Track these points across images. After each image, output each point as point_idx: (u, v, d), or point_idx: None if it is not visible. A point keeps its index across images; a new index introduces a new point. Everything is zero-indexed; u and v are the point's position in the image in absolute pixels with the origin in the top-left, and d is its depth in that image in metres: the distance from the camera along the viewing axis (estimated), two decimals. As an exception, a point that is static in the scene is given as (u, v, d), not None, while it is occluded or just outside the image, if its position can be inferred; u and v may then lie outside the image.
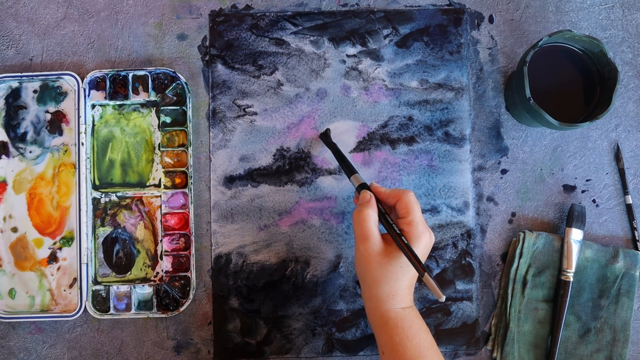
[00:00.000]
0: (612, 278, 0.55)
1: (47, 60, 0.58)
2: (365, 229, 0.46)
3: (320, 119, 0.58)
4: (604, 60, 0.51)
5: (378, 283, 0.45)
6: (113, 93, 0.57)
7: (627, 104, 0.58)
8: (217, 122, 0.58)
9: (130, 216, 0.57)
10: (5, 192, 0.57)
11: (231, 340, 0.56)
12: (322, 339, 0.56)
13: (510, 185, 0.58)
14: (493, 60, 0.58)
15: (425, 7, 0.59)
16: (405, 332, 0.44)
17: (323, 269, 0.56)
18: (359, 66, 0.58)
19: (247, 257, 0.56)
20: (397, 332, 0.45)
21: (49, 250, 0.56)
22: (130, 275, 0.57)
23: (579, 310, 0.55)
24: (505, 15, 0.59)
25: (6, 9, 0.59)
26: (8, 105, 0.57)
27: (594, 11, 0.59)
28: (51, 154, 0.57)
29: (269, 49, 0.58)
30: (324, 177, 0.57)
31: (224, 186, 0.57)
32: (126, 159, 0.57)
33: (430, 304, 0.56)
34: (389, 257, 0.45)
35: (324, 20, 0.58)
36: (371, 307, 0.47)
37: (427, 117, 0.58)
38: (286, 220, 0.57)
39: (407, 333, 0.44)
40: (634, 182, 0.58)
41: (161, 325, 0.56)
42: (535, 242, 0.55)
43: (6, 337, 0.56)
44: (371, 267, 0.45)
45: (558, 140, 0.58)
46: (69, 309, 0.56)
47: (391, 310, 0.45)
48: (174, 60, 0.58)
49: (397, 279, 0.45)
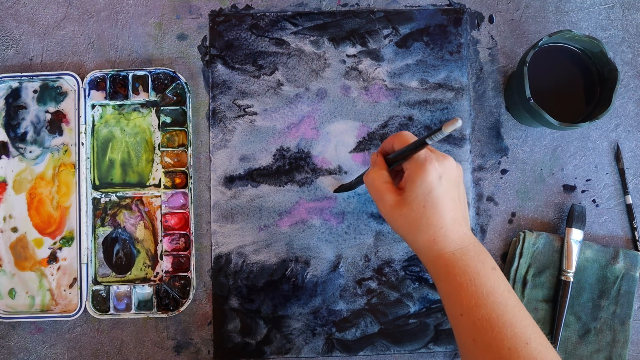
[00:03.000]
0: (612, 279, 0.55)
1: (47, 60, 0.58)
2: (376, 188, 0.44)
3: (320, 119, 0.58)
4: (604, 60, 0.51)
5: (412, 234, 0.43)
6: (113, 93, 0.57)
7: (627, 104, 0.58)
8: (217, 122, 0.58)
9: (130, 216, 0.57)
10: (5, 192, 0.57)
11: (231, 340, 0.56)
12: (322, 339, 0.56)
13: (510, 185, 0.58)
14: (493, 60, 0.58)
15: (425, 7, 0.59)
16: (458, 279, 0.40)
17: (323, 269, 0.56)
18: (359, 66, 0.58)
19: (247, 257, 0.56)
20: (449, 281, 0.41)
21: (49, 250, 0.56)
22: (130, 275, 0.57)
23: (579, 311, 0.55)
24: (505, 15, 0.59)
25: (6, 9, 0.59)
26: (8, 105, 0.57)
27: (594, 11, 0.59)
28: (51, 154, 0.57)
29: (269, 49, 0.58)
30: (324, 177, 0.57)
31: (224, 186, 0.57)
32: (126, 159, 0.57)
33: (430, 304, 0.56)
34: (405, 202, 0.42)
35: (324, 20, 0.58)
36: (423, 260, 0.44)
37: (427, 117, 0.58)
38: (286, 220, 0.57)
39: (459, 280, 0.40)
40: (634, 182, 0.58)
41: (161, 325, 0.56)
42: (536, 242, 0.55)
43: (6, 337, 0.56)
44: (396, 222, 0.43)
45: (558, 140, 0.58)
46: (69, 309, 0.56)
47: (439, 259, 0.42)
48: (174, 60, 0.58)
49: (427, 220, 0.42)
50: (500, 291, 0.40)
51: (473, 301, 0.40)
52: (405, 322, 0.56)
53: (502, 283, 0.41)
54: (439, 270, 0.42)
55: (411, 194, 0.42)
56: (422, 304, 0.56)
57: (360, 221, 0.57)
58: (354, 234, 0.57)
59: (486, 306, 0.39)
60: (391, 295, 0.56)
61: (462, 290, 0.40)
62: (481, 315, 0.39)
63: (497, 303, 0.40)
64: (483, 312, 0.39)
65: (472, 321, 0.40)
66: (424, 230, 0.42)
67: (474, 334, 0.39)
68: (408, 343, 0.56)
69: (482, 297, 0.40)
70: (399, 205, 0.43)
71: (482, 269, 0.41)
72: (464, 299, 0.40)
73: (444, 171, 0.42)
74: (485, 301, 0.40)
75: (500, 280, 0.41)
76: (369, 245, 0.57)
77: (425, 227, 0.42)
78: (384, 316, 0.56)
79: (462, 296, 0.40)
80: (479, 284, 0.40)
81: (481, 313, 0.39)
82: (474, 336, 0.39)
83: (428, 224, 0.42)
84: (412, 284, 0.56)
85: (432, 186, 0.41)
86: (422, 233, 0.42)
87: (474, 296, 0.40)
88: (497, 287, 0.40)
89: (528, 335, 0.38)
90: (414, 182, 0.42)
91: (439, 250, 0.42)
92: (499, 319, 0.39)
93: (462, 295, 0.40)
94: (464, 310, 0.40)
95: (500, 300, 0.40)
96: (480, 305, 0.39)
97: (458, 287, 0.40)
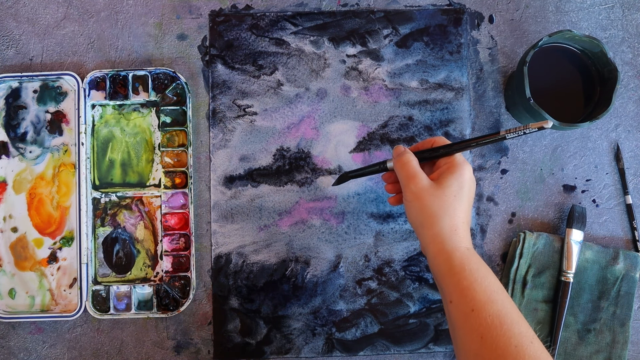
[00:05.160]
0: (612, 279, 0.55)
1: (47, 60, 0.58)
2: (410, 169, 0.46)
3: (320, 119, 0.58)
4: (604, 60, 0.51)
5: (438, 217, 0.44)
6: (113, 93, 0.57)
7: (627, 104, 0.58)
8: (217, 122, 0.58)
9: (130, 216, 0.57)
10: (5, 192, 0.57)
11: (231, 340, 0.56)
12: (322, 339, 0.56)
13: (510, 185, 0.58)
14: (493, 60, 0.58)
15: (425, 7, 0.59)
16: (473, 274, 0.42)
17: (323, 269, 0.56)
18: (359, 66, 0.58)
19: (247, 257, 0.57)
20: (465, 275, 0.42)
21: (49, 250, 0.56)
22: (130, 275, 0.57)
23: (579, 312, 0.55)
24: (505, 15, 0.59)
25: (6, 9, 0.59)
26: (8, 105, 0.57)
27: (594, 11, 0.59)
28: (51, 154, 0.57)
29: (269, 49, 0.58)
30: (324, 177, 0.57)
31: (224, 186, 0.57)
32: (126, 159, 0.57)
33: (430, 304, 0.56)
34: (440, 186, 0.44)
35: (324, 20, 0.58)
36: (435, 251, 0.44)
37: (427, 117, 0.58)
38: (286, 220, 0.57)
39: (475, 276, 0.42)
40: (634, 182, 0.58)
41: (161, 325, 0.56)
42: (536, 243, 0.55)
43: (6, 337, 0.56)
44: (426, 201, 0.44)
45: (558, 140, 0.58)
46: (69, 309, 0.56)
47: (456, 251, 0.43)
48: (174, 60, 0.58)
49: (455, 209, 0.44)
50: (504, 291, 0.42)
51: (486, 296, 0.41)
52: (405, 322, 0.56)
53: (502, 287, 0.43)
54: (452, 263, 0.43)
55: (447, 182, 0.44)
56: (422, 304, 0.56)
57: (360, 221, 0.57)
58: (354, 234, 0.57)
59: (498, 302, 0.40)
60: (391, 295, 0.56)
61: (476, 285, 0.41)
62: (493, 311, 0.40)
63: (507, 300, 0.41)
64: (495, 308, 0.40)
65: (483, 317, 0.40)
66: (450, 215, 0.44)
67: (483, 331, 0.40)
68: (408, 343, 0.56)
69: (494, 292, 0.41)
70: (433, 187, 0.44)
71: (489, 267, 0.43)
72: (477, 293, 0.41)
73: (472, 178, 0.46)
74: (497, 297, 0.41)
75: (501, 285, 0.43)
76: (369, 245, 0.57)
77: (451, 214, 0.44)
78: (384, 316, 0.56)
79: (476, 291, 0.41)
80: (492, 281, 0.42)
81: (493, 309, 0.40)
82: (482, 333, 0.40)
83: (455, 212, 0.44)
84: (412, 284, 0.56)
85: (466, 184, 0.45)
86: (447, 218, 0.44)
87: (488, 291, 0.41)
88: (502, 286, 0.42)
89: (532, 334, 0.39)
90: (453, 173, 0.44)
91: (456, 243, 0.43)
92: (508, 316, 0.40)
93: (477, 290, 0.41)
94: (476, 306, 0.41)
95: (508, 298, 0.42)
96: (493, 301, 0.40)
97: (473, 282, 0.41)
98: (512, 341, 0.39)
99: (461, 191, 0.44)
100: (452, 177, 0.44)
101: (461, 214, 0.44)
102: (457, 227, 0.44)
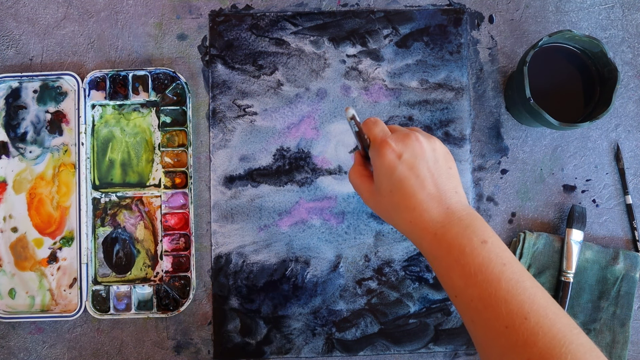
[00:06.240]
0: (612, 280, 0.55)
1: (47, 60, 0.58)
2: (354, 184, 0.45)
3: (320, 119, 0.58)
4: (604, 60, 0.51)
5: (392, 219, 0.42)
6: (113, 93, 0.57)
7: (627, 104, 0.58)
8: (217, 122, 0.58)
9: (130, 216, 0.57)
10: (5, 192, 0.57)
11: (231, 340, 0.56)
12: (322, 339, 0.56)
13: (510, 185, 0.58)
14: (493, 60, 0.58)
15: (425, 7, 0.59)
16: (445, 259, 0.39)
17: (323, 269, 0.56)
18: (359, 66, 0.58)
19: (247, 257, 0.56)
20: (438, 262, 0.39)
21: (49, 250, 0.56)
22: (130, 275, 0.57)
23: (579, 312, 0.55)
24: (505, 15, 0.59)
25: (6, 9, 0.59)
26: (8, 105, 0.57)
27: (594, 11, 0.59)
28: (51, 154, 0.57)
29: (269, 49, 0.58)
30: (324, 177, 0.57)
31: (224, 186, 0.57)
32: (126, 159, 0.57)
33: (430, 304, 0.56)
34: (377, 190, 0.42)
35: (324, 20, 0.58)
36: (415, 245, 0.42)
37: (427, 117, 0.58)
38: (286, 220, 0.57)
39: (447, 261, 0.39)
40: (634, 182, 0.58)
41: (161, 325, 0.56)
42: (536, 243, 0.55)
43: (6, 337, 0.56)
44: (376, 208, 0.43)
45: (558, 140, 0.58)
46: (69, 309, 0.56)
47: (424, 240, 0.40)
48: (174, 60, 0.58)
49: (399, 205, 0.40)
50: (492, 266, 0.37)
51: (462, 281, 0.37)
52: (405, 322, 0.56)
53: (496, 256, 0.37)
54: (427, 254, 0.40)
55: (377, 181, 0.42)
56: (422, 304, 0.56)
57: (360, 221, 0.57)
58: (354, 234, 0.57)
59: (476, 285, 0.36)
60: (391, 295, 0.56)
61: (451, 271, 0.38)
62: (473, 295, 0.37)
63: (488, 281, 0.36)
64: (474, 291, 0.37)
65: (466, 302, 0.37)
66: (397, 214, 0.41)
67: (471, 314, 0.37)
68: (408, 343, 0.56)
69: (470, 276, 0.37)
70: (373, 195, 0.43)
71: (469, 245, 0.38)
72: (453, 280, 0.38)
73: (404, 148, 0.40)
74: (475, 280, 0.37)
75: (493, 254, 0.37)
76: (369, 245, 0.57)
77: (398, 212, 0.40)
78: (384, 316, 0.56)
79: (452, 278, 0.38)
80: (465, 263, 0.37)
81: (473, 293, 0.37)
82: (472, 317, 0.37)
83: (399, 208, 0.40)
84: (412, 284, 0.56)
85: (392, 168, 0.40)
86: (398, 218, 0.41)
87: (462, 276, 0.37)
88: (487, 262, 0.37)
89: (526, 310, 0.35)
90: (376, 168, 0.41)
91: (420, 232, 0.40)
92: (492, 298, 0.36)
93: (452, 277, 0.38)
94: (457, 292, 0.38)
95: (492, 277, 0.36)
96: (470, 285, 0.37)
97: (447, 269, 0.38)
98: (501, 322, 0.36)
99: (392, 179, 0.40)
100: (377, 172, 0.41)
101: (408, 203, 0.40)
102: (410, 219, 0.40)
